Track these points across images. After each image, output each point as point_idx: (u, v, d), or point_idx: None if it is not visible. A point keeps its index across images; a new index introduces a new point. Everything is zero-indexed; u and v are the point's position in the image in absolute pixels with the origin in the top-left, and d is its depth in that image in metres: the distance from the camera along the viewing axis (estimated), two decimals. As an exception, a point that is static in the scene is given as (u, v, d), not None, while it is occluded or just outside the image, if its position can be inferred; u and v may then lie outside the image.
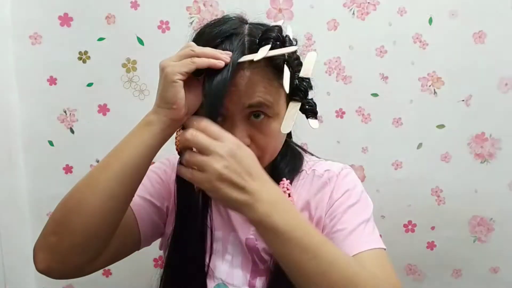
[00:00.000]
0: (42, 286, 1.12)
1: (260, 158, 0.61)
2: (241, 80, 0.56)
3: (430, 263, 1.20)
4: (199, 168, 0.48)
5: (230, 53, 0.55)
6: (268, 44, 0.56)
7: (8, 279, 1.05)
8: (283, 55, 0.58)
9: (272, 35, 0.57)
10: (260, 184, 0.49)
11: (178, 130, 0.64)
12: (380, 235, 0.64)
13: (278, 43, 0.57)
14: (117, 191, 0.54)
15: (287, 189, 0.65)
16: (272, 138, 0.61)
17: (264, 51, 0.55)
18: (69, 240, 0.53)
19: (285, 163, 0.68)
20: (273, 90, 0.58)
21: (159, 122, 0.55)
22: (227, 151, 0.48)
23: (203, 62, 0.53)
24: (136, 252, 0.72)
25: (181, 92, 0.53)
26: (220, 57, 0.54)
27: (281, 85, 0.58)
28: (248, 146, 0.58)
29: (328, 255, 0.50)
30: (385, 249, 0.60)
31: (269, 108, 0.58)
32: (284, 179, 0.66)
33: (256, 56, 0.55)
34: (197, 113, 0.60)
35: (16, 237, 1.08)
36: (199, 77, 0.56)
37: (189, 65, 0.53)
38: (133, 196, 0.58)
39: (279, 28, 0.59)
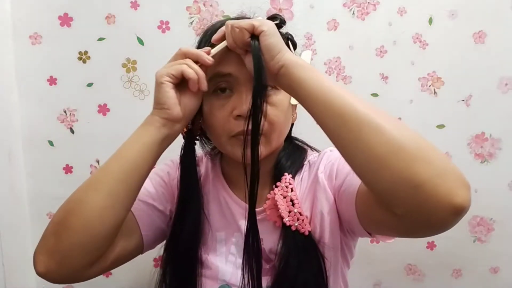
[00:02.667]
0: (42, 286, 1.13)
1: (269, 134, 0.62)
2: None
3: (430, 263, 1.20)
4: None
5: (209, 48, 0.59)
6: (276, 20, 0.61)
7: (8, 279, 1.05)
8: (287, 34, 0.64)
9: (278, 16, 0.63)
10: None
11: None
12: (380, 235, 0.64)
13: (283, 25, 0.62)
14: (116, 189, 0.55)
15: (290, 184, 0.65)
16: (281, 111, 0.62)
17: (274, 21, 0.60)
18: (68, 240, 0.53)
19: (287, 158, 0.69)
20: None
21: (154, 121, 0.57)
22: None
23: (186, 71, 0.57)
24: (136, 252, 0.72)
25: (169, 92, 0.57)
26: (202, 58, 0.58)
27: None
28: None
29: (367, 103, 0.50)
30: None
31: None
32: (286, 173, 0.66)
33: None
34: (197, 115, 0.63)
35: (16, 237, 1.08)
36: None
37: (175, 69, 0.56)
38: (134, 196, 0.58)
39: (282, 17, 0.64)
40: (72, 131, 1.11)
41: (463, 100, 1.12)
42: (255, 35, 0.54)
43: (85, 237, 0.54)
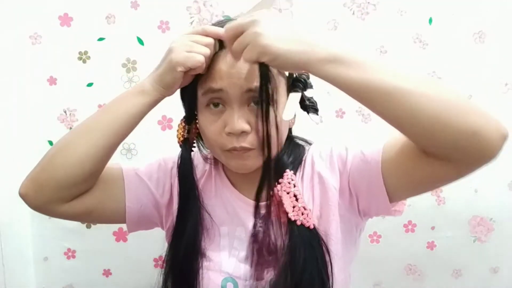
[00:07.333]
0: (42, 286, 1.12)
1: (262, 149, 0.62)
2: (242, 64, 0.58)
3: (430, 263, 1.20)
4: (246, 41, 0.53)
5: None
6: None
7: (8, 279, 1.05)
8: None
9: None
10: (314, 36, 0.52)
11: (180, 123, 0.68)
12: (380, 236, 0.64)
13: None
14: (102, 142, 0.62)
15: (292, 180, 0.66)
16: (273, 126, 0.62)
17: None
18: (48, 173, 0.62)
19: (288, 154, 0.69)
20: (273, 76, 0.60)
21: (151, 96, 0.62)
22: (259, 15, 0.52)
23: (200, 67, 0.58)
24: (136, 251, 0.72)
25: (180, 79, 0.59)
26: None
27: (281, 72, 0.62)
28: (248, 133, 0.60)
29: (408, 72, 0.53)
30: None
31: (269, 94, 0.59)
32: (288, 170, 0.67)
33: None
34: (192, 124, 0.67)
35: (16, 237, 1.08)
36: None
37: (193, 62, 0.57)
38: (113, 151, 0.65)
39: None
40: (72, 131, 1.11)
41: (463, 100, 1.12)
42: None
43: (61, 174, 0.61)
